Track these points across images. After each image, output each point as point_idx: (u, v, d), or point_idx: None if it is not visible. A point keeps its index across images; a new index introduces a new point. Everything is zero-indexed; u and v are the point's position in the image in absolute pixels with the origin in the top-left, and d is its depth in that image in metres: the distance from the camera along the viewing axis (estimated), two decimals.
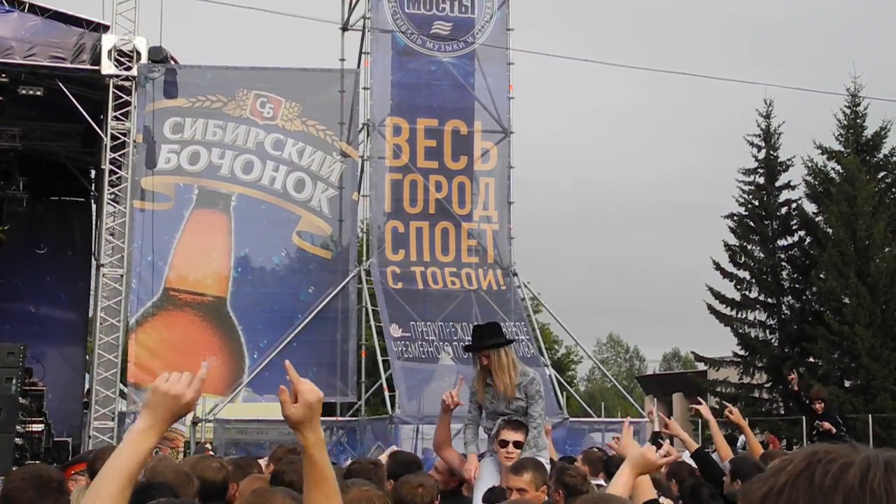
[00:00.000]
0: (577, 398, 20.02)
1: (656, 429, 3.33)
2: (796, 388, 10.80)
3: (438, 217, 17.39)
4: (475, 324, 6.38)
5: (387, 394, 15.76)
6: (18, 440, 14.64)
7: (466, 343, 6.10)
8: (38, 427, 15.75)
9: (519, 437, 5.38)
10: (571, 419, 16.10)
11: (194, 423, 15.46)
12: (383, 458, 5.82)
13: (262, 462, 6.65)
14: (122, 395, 16.21)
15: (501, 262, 17.69)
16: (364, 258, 17.68)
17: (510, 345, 5.78)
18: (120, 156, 15.92)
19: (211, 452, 9.46)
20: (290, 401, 2.28)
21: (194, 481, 4.19)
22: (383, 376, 16.12)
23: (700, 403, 6.03)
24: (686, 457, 6.08)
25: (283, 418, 2.28)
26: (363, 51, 17.48)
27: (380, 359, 16.34)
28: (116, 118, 15.78)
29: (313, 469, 2.25)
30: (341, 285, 17.07)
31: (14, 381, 14.83)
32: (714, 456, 6.13)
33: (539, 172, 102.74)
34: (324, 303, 16.88)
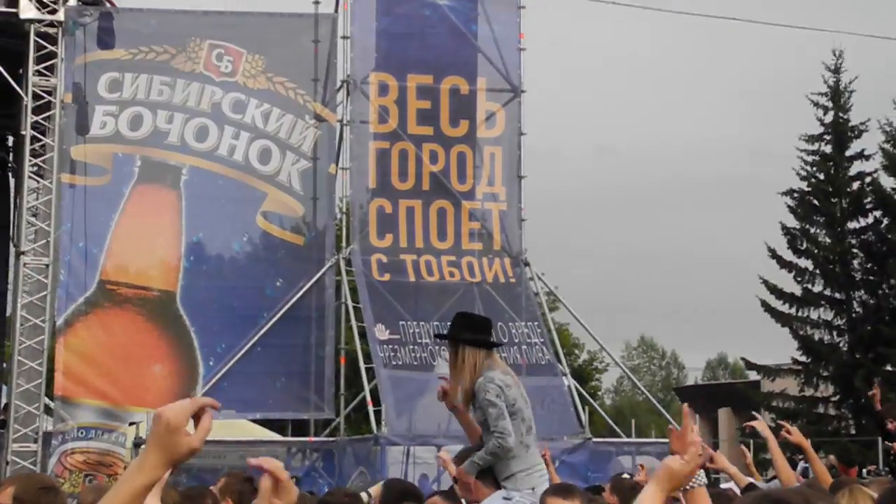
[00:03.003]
0: (602, 414, 20.17)
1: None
2: (878, 405, 9.70)
3: (434, 194, 17.48)
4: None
5: (371, 409, 15.86)
6: None
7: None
8: None
9: None
10: (595, 439, 16.24)
11: (136, 444, 15.59)
12: (375, 489, 5.94)
13: (216, 490, 6.80)
14: (48, 411, 16.32)
15: (510, 249, 17.80)
16: (343, 244, 17.78)
17: (478, 346, 5.83)
18: (44, 119, 15.97)
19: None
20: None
21: None
22: (367, 388, 16.23)
23: (756, 419, 6.15)
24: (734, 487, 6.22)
25: (245, 438, 2.41)
26: None
27: (362, 366, 16.43)
28: (39, 73, 15.83)
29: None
30: (315, 277, 17.18)
31: None
32: (774, 484, 6.24)
33: (554, 140, 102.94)
34: (294, 299, 17.00)
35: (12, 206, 19.93)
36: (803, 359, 27.85)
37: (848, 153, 28.12)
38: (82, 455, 16.06)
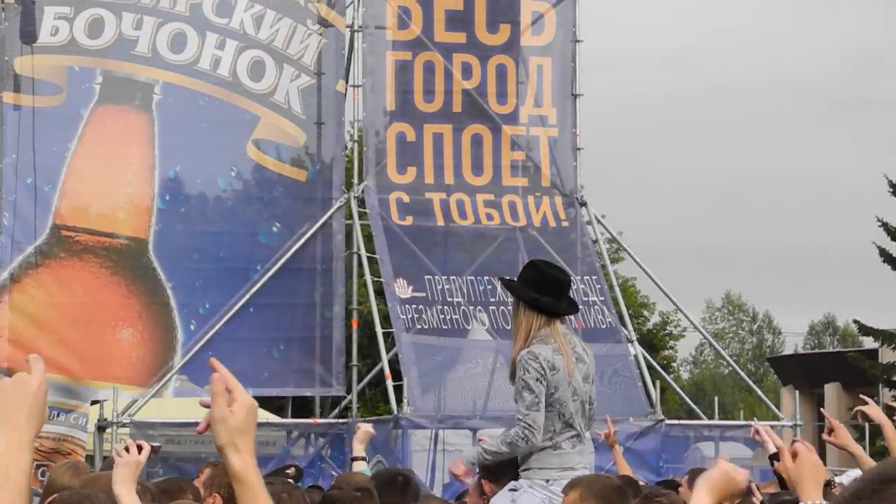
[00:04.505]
0: (678, 391, 20.19)
1: (772, 449, 3.34)
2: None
3: (467, 117, 17.41)
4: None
5: (390, 384, 15.92)
6: None
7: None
8: None
9: None
10: (669, 422, 16.26)
11: (100, 427, 15.74)
12: None
13: (199, 485, 6.85)
14: None
15: (562, 185, 17.74)
16: (355, 180, 17.77)
17: (539, 310, 5.90)
18: None
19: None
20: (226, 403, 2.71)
21: None
22: (385, 357, 16.27)
23: (866, 403, 6.11)
24: (848, 477, 6.19)
25: None
26: None
27: (379, 331, 16.46)
28: None
29: (253, 500, 2.66)
30: (321, 221, 17.19)
31: None
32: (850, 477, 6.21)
33: (613, 50, 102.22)
34: (295, 248, 17.03)
35: None
36: None
37: None
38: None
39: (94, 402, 15.98)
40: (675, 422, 16.87)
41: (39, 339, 16.21)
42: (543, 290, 6.02)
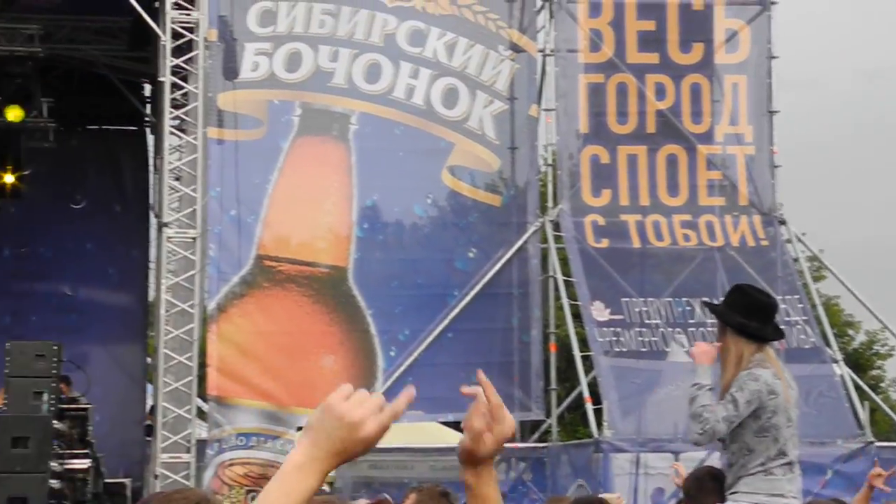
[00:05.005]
0: (888, 411, 19.64)
1: None
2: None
3: (662, 138, 17.28)
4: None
5: (590, 407, 15.84)
6: (55, 482, 15.47)
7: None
8: (83, 463, 16.58)
9: None
10: (879, 443, 15.83)
11: None
12: None
13: None
14: (201, 415, 16.87)
15: (760, 204, 17.46)
16: (550, 204, 17.76)
17: (748, 336, 5.88)
18: (186, 62, 16.40)
19: (330, 496, 9.79)
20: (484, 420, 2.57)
21: None
22: (584, 381, 16.20)
23: None
24: None
25: (436, 445, 2.54)
26: None
27: (577, 355, 16.40)
28: (178, 6, 16.24)
29: None
30: (517, 246, 17.22)
31: (45, 396, 15.66)
32: None
33: (810, 66, 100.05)
34: (492, 273, 17.09)
35: (151, 168, 20.75)
36: None
37: None
38: (243, 467, 16.52)
39: (299, 429, 16.23)
40: (886, 444, 16.41)
41: (245, 367, 16.54)
42: (751, 316, 5.96)
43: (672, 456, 14.68)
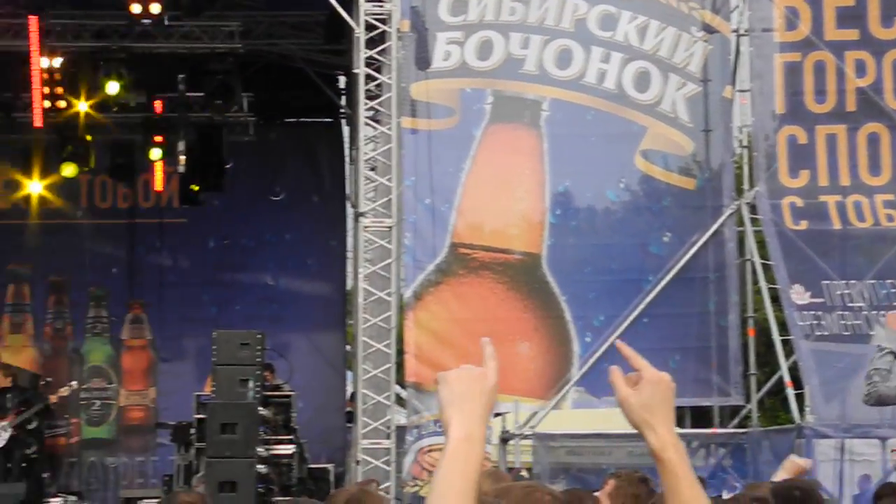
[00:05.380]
0: None
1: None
2: None
3: (862, 116, 16.81)
4: None
5: (791, 392, 15.58)
6: (262, 468, 15.87)
7: None
8: (288, 449, 16.98)
9: None
10: None
11: (503, 439, 16.07)
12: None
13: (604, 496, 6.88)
14: (400, 401, 17.08)
15: None
16: (746, 186, 17.48)
17: None
18: (379, 53, 16.62)
19: (531, 482, 9.82)
20: (628, 384, 2.69)
21: None
22: (784, 365, 15.94)
23: None
24: None
25: (634, 431, 2.70)
26: None
27: (777, 339, 16.15)
28: None
29: (674, 483, 2.60)
30: (712, 229, 16.98)
31: (250, 383, 16.07)
32: None
33: None
34: (687, 257, 16.88)
35: (347, 159, 21.10)
36: None
37: None
38: (441, 453, 16.66)
39: (496, 415, 16.32)
40: None
41: (442, 354, 16.68)
42: None
43: (879, 442, 14.37)
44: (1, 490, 16.50)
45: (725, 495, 11.87)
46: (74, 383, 18.81)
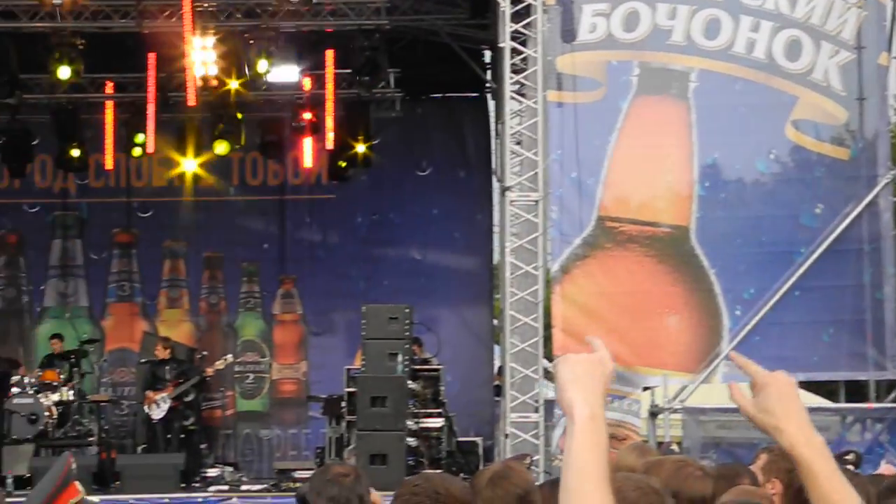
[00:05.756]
0: None
1: None
2: None
3: None
4: None
5: None
6: (412, 440, 16.01)
7: None
8: (437, 422, 17.09)
9: None
10: None
11: (652, 413, 15.96)
12: None
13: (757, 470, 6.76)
14: (548, 375, 17.06)
15: None
16: None
17: None
18: (525, 27, 16.56)
19: (679, 455, 9.74)
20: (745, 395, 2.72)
21: (668, 502, 4.32)
22: None
23: None
24: None
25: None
26: None
27: None
28: None
29: (811, 478, 2.59)
30: (866, 200, 16.61)
31: (399, 357, 16.21)
32: None
33: None
34: (840, 229, 16.57)
35: (493, 133, 21.10)
36: None
37: None
38: None
39: (645, 389, 16.22)
40: None
41: (589, 327, 16.61)
42: None
43: None
44: (161, 460, 16.92)
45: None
46: (230, 357, 19.19)
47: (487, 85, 20.95)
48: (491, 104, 21.15)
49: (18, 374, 18.08)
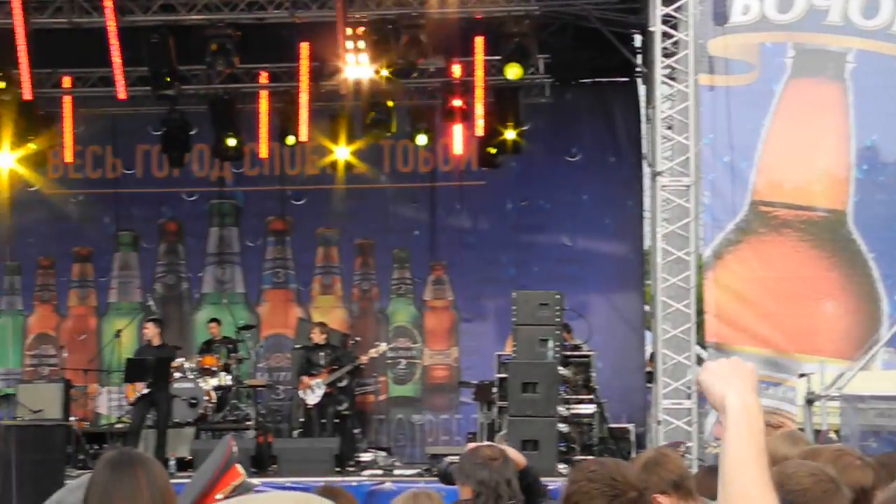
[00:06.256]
0: None
1: None
2: None
3: None
4: None
5: None
6: (563, 426, 15.94)
7: None
8: (588, 408, 17.01)
9: None
10: None
11: (809, 401, 15.62)
12: None
13: None
14: (700, 361, 16.85)
15: None
16: None
17: None
18: (676, 10, 16.37)
19: (837, 444, 9.55)
20: None
21: (843, 490, 4.22)
22: None
23: None
24: None
25: None
26: None
27: None
28: None
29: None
30: None
31: (550, 343, 16.15)
32: None
33: None
34: None
35: (643, 118, 20.90)
36: None
37: None
38: None
39: (801, 376, 15.90)
40: None
41: (742, 313, 16.39)
42: None
43: None
44: (317, 444, 17.11)
45: None
46: (384, 345, 19.30)
47: (637, 69, 20.75)
48: (641, 89, 20.98)
49: (179, 358, 18.47)
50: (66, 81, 20.59)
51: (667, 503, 4.99)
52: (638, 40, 20.32)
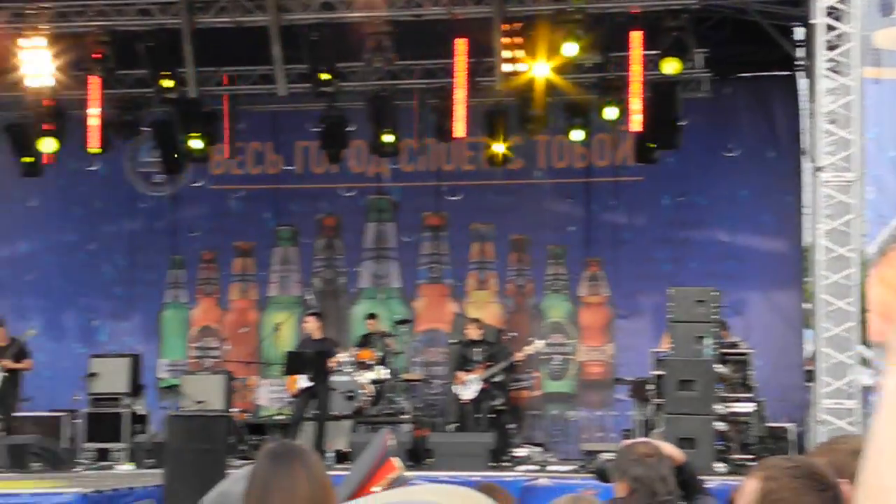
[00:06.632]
0: None
1: None
2: None
3: None
4: None
5: None
6: (720, 424, 15.68)
7: None
8: (746, 406, 16.70)
9: None
10: None
11: None
12: None
13: None
14: (864, 361, 16.43)
15: None
16: None
17: None
18: (839, 2, 15.96)
19: None
20: None
21: None
22: None
23: None
24: None
25: None
26: None
27: None
28: None
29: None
30: None
31: (706, 340, 15.89)
32: None
33: None
34: None
35: (804, 112, 20.45)
36: None
37: None
38: None
39: None
40: None
41: None
42: None
43: None
44: (472, 439, 17.12)
45: None
46: (540, 343, 19.18)
47: (798, 63, 20.32)
48: (801, 83, 20.53)
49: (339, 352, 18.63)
50: (227, 79, 20.93)
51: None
52: (798, 33, 19.93)
